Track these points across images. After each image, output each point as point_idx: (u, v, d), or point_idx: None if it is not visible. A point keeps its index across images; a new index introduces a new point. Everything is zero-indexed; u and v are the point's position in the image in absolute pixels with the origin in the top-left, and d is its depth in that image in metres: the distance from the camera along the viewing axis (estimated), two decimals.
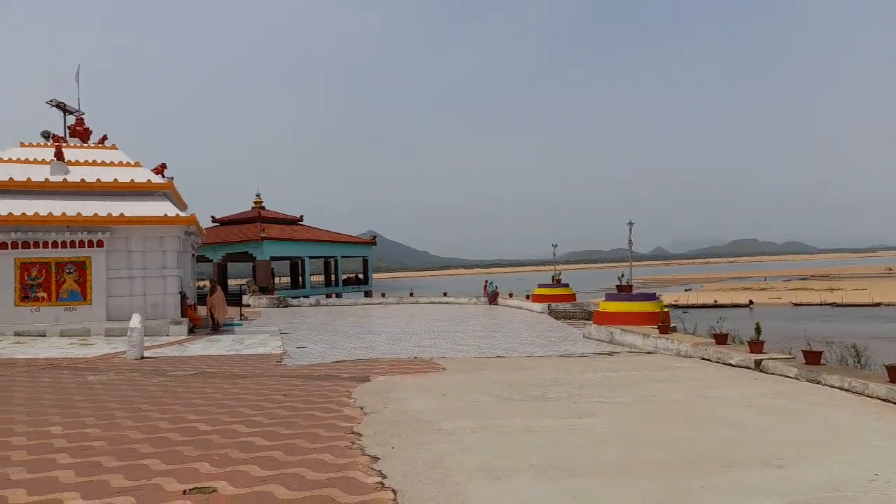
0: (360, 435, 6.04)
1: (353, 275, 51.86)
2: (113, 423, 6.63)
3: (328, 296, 41.07)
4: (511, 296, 31.46)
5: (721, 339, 11.97)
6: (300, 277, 46.32)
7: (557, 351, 13.59)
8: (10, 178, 16.84)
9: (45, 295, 16.08)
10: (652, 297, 16.39)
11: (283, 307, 31.15)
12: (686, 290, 75.71)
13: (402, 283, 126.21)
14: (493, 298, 30.29)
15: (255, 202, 47.97)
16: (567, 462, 5.14)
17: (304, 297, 37.62)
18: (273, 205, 49.73)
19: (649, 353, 13.04)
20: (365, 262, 49.88)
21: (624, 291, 16.75)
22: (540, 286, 27.36)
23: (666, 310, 15.41)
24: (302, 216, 49.25)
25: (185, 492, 4.46)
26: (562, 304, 24.43)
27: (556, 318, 22.33)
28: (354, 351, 13.68)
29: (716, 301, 55.09)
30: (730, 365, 10.68)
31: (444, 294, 35.27)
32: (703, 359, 11.53)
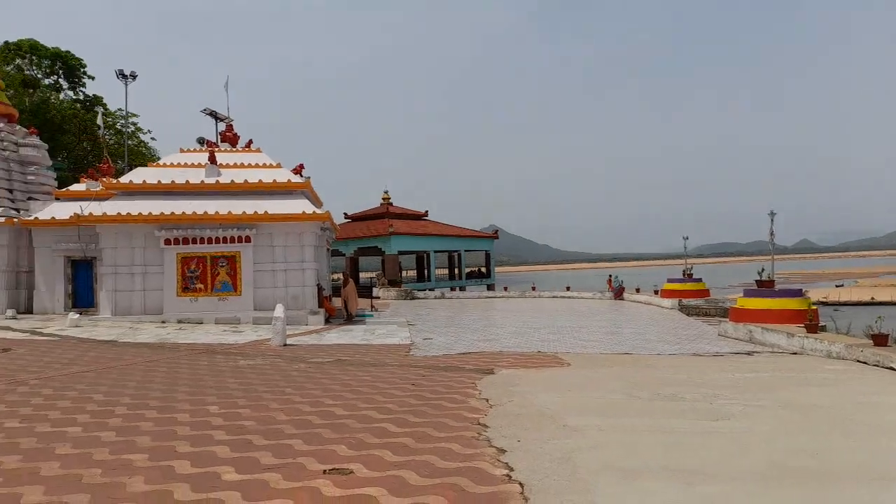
0: (486, 426, 6.14)
1: (476, 268, 52.47)
2: (261, 405, 7.24)
3: (452, 289, 41.90)
4: (638, 291, 30.35)
5: (880, 339, 10.81)
6: (425, 271, 47.61)
7: (690, 349, 12.95)
8: (172, 181, 18.79)
9: (202, 286, 17.82)
10: (797, 294, 15.14)
11: (410, 299, 32.20)
12: (837, 286, 68.94)
13: (523, 276, 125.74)
14: (618, 293, 29.39)
15: (384, 199, 49.88)
16: (702, 466, 4.92)
17: (430, 289, 38.64)
18: (400, 201, 51.44)
19: (794, 353, 12.07)
20: (487, 255, 50.26)
21: (765, 287, 15.59)
22: (670, 281, 26.16)
23: (814, 307, 14.17)
24: (427, 212, 50.52)
25: (325, 472, 4.79)
26: (694, 299, 23.21)
27: (687, 315, 21.26)
28: (478, 343, 13.88)
29: (873, 298, 49.70)
30: (891, 369, 9.64)
31: (567, 288, 34.72)
32: (859, 361, 10.49)
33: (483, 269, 51.20)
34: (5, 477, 4.73)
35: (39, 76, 36.81)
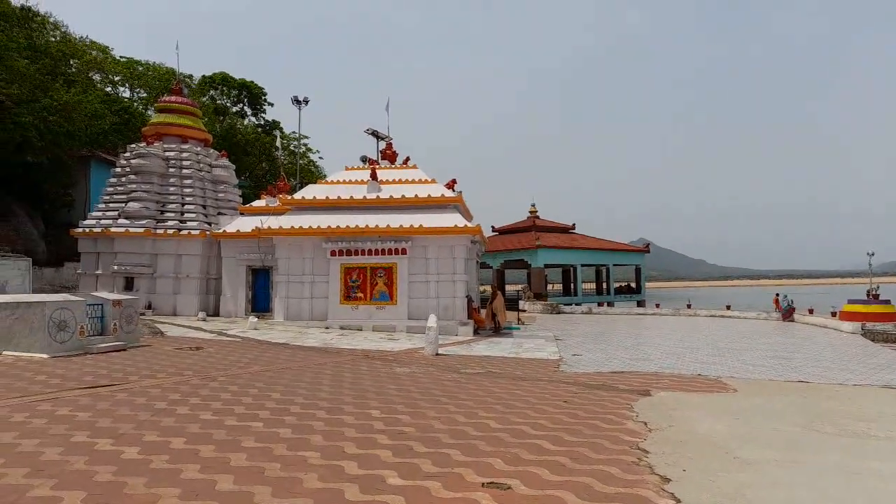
0: (646, 452, 5.90)
1: (625, 283, 50.56)
2: (418, 412, 7.53)
3: (599, 304, 40.69)
4: (811, 312, 27.46)
5: None
6: (572, 285, 46.74)
7: (879, 380, 11.47)
8: (338, 197, 20.23)
9: (362, 295, 18.95)
10: None
11: (556, 313, 31.76)
12: None
13: (676, 293, 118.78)
14: (787, 314, 26.79)
15: (531, 212, 49.84)
16: None
17: (576, 304, 37.84)
18: (547, 214, 51.07)
19: None
20: (637, 270, 48.27)
21: None
22: (851, 302, 23.38)
23: None
24: (574, 224, 49.67)
25: (483, 485, 4.87)
26: (880, 323, 20.54)
27: (872, 341, 18.86)
28: (631, 362, 13.35)
29: None
30: None
31: (728, 307, 32.29)
32: None
33: (632, 285, 49.21)
34: (202, 465, 5.36)
35: (228, 104, 41.58)
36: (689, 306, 33.78)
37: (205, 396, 8.26)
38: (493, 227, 49.98)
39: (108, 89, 35.41)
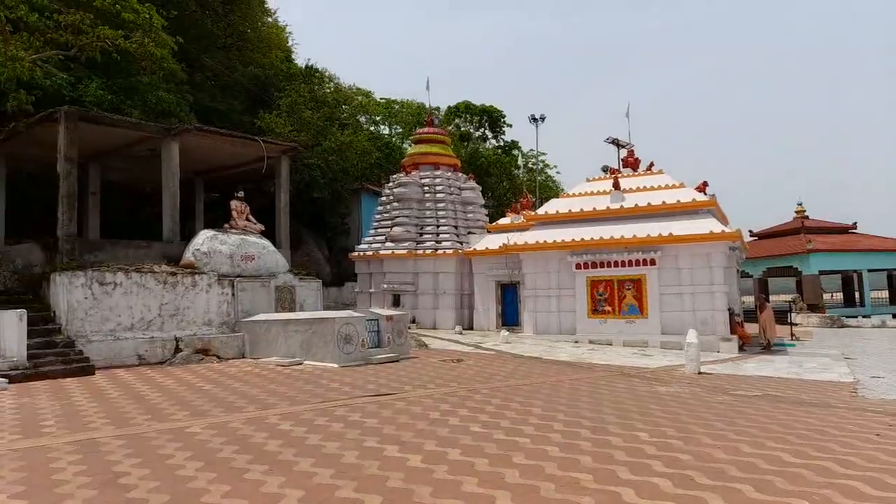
0: None
1: None
2: (691, 438, 6.95)
3: (894, 316, 34.04)
4: None
5: None
6: (855, 293, 39.95)
7: None
8: (581, 210, 20.05)
9: (609, 309, 18.42)
10: None
11: (838, 327, 27.41)
12: None
13: None
14: None
15: (797, 212, 43.97)
16: None
17: (864, 316, 32.25)
18: (818, 213, 44.59)
19: None
20: None
21: None
22: None
23: None
24: (855, 223, 42.55)
25: None
26: None
27: None
28: None
29: None
30: None
31: None
32: None
33: None
34: (479, 479, 5.55)
35: (471, 130, 44.21)
36: None
37: (472, 408, 8.66)
38: (750, 231, 45.14)
39: (372, 128, 40.10)
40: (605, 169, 22.72)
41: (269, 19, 34.35)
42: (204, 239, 16.31)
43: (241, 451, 6.44)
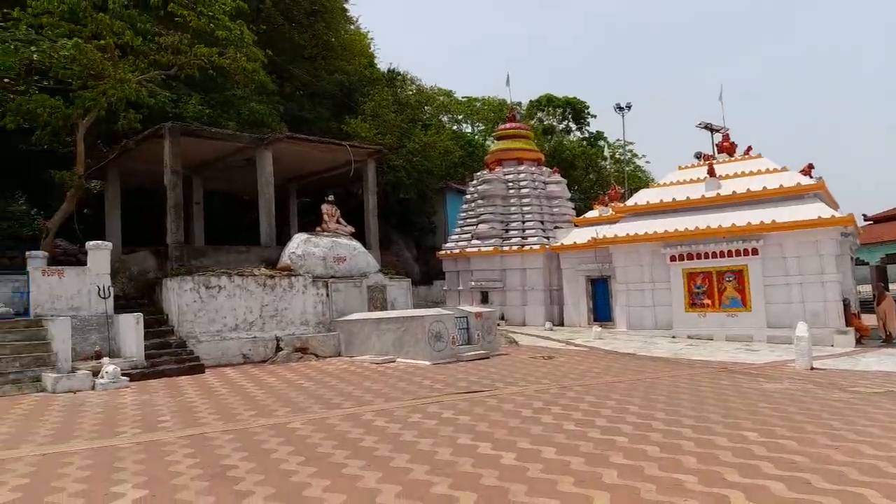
0: None
1: None
2: (805, 438, 6.48)
3: None
4: None
5: None
6: None
7: None
8: (673, 199, 19.22)
9: (709, 302, 17.55)
10: None
11: None
12: None
13: None
14: None
15: None
16: None
17: None
18: None
19: None
20: None
21: None
22: None
23: None
24: None
25: None
26: None
27: None
28: None
29: None
30: None
31: None
32: None
33: None
34: (576, 478, 5.42)
35: (554, 123, 43.49)
36: None
37: (565, 406, 8.50)
38: (864, 215, 41.72)
39: (454, 127, 40.30)
40: (699, 155, 21.67)
41: (352, 27, 35.24)
42: (298, 242, 16.96)
43: (340, 447, 6.63)
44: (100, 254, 13.44)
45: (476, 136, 41.49)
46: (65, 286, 12.84)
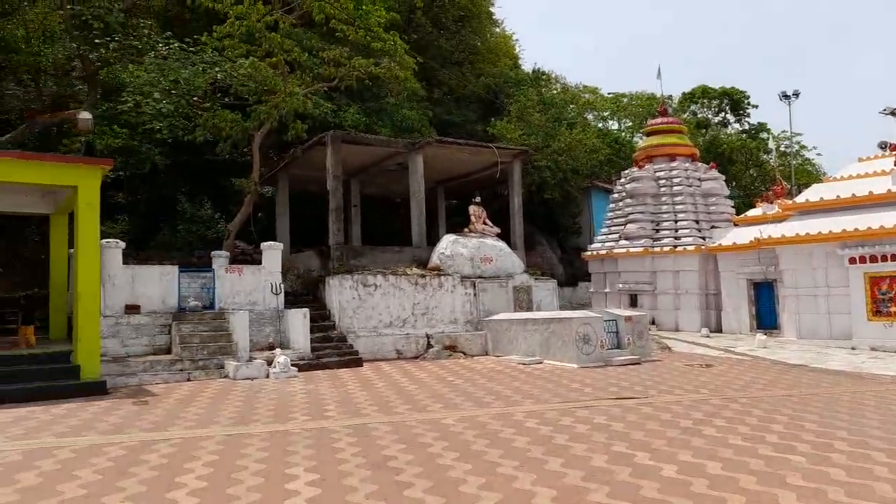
0: None
1: None
2: None
3: None
4: None
5: None
6: None
7: None
8: (852, 195, 17.25)
9: None
10: None
11: None
12: None
13: None
14: None
15: None
16: None
17: None
18: None
19: None
20: None
21: None
22: None
23: None
24: None
25: None
26: None
27: None
28: None
29: None
30: None
31: None
32: None
33: None
34: (747, 498, 5.07)
35: (710, 116, 40.83)
36: None
37: (729, 419, 7.96)
38: None
39: (600, 125, 39.20)
40: (884, 145, 19.20)
41: (497, 30, 35.57)
42: (447, 243, 17.46)
43: (492, 446, 6.74)
44: (273, 253, 14.78)
45: (623, 133, 40.05)
46: (243, 283, 14.28)
